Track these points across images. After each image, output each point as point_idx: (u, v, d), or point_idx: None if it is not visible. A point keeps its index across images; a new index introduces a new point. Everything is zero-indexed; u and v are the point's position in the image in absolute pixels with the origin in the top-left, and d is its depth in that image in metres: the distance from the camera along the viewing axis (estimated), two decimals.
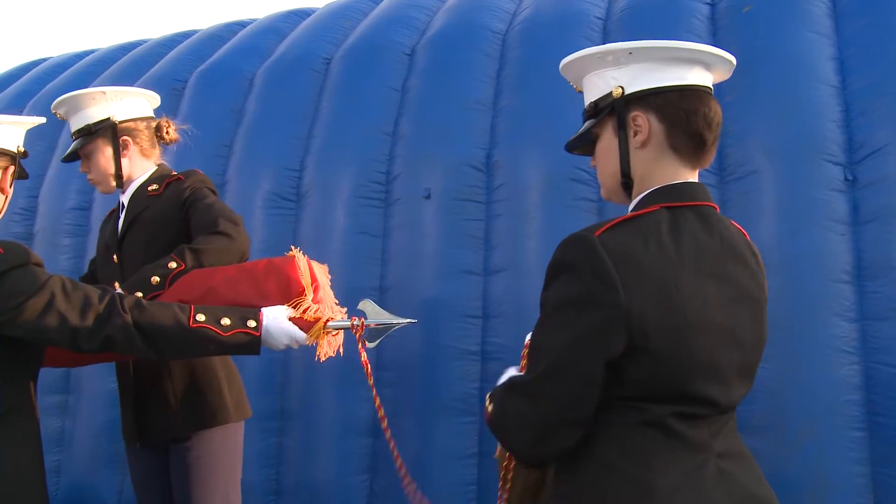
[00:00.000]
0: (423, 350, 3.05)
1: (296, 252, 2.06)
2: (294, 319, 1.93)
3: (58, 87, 4.53)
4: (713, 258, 1.30)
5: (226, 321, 1.83)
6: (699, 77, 1.38)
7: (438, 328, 3.09)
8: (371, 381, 1.99)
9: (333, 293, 2.16)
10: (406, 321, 1.99)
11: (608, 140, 1.42)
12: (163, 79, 4.16)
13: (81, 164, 2.44)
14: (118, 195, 2.47)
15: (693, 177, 1.39)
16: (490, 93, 3.36)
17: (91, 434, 3.65)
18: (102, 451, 3.59)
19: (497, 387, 1.42)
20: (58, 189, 4.03)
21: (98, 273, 2.53)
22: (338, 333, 2.01)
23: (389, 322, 1.98)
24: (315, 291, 2.01)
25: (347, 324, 1.97)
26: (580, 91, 1.52)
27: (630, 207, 1.39)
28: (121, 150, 2.38)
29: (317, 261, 2.17)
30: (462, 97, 3.34)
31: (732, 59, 1.41)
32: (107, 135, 2.37)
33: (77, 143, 2.39)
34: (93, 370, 3.61)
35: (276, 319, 1.89)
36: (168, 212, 2.32)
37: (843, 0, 3.03)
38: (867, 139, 2.72)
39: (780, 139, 2.80)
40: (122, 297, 1.79)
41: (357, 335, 1.96)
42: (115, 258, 2.40)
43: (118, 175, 2.40)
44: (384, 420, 2.00)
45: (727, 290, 1.30)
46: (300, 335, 1.91)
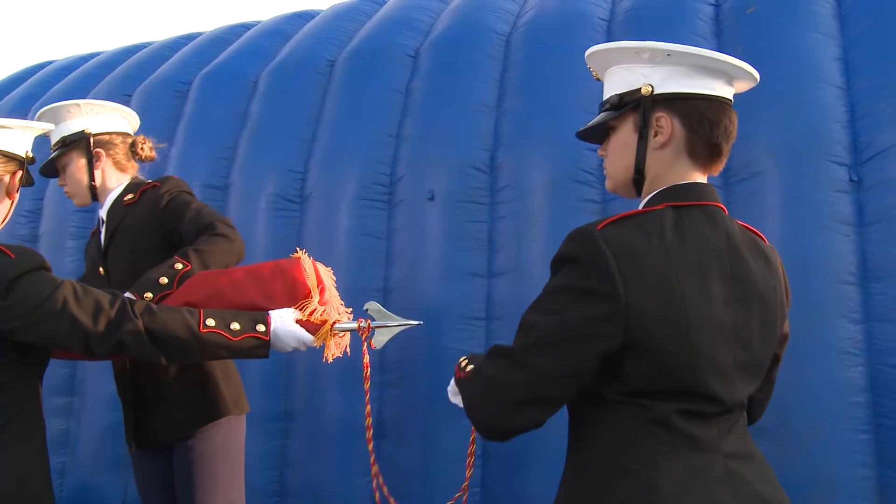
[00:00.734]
0: (427, 352, 3.05)
1: (301, 254, 2.07)
2: (301, 322, 1.94)
3: (63, 90, 4.54)
4: (718, 257, 1.31)
5: (235, 326, 1.84)
6: (724, 89, 1.40)
7: (442, 330, 3.08)
8: (367, 386, 2.00)
9: (339, 294, 2.17)
10: (412, 323, 2.01)
11: (626, 135, 1.43)
12: (167, 81, 4.17)
13: (59, 177, 2.48)
14: (98, 212, 2.50)
15: (703, 179, 1.41)
16: (494, 94, 3.35)
17: (95, 436, 3.65)
18: (106, 454, 3.60)
19: (482, 354, 1.45)
20: (62, 192, 4.02)
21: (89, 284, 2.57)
22: (344, 335, 2.01)
23: (395, 323, 2.00)
24: (321, 293, 2.02)
25: (354, 325, 1.98)
26: (598, 79, 1.53)
27: (640, 206, 1.41)
28: (94, 162, 2.41)
29: (321, 262, 2.17)
30: (465, 99, 3.34)
31: (758, 78, 1.42)
32: (81, 146, 2.41)
33: (54, 154, 2.42)
34: (97, 373, 3.62)
35: (284, 322, 1.90)
36: (147, 218, 2.35)
37: (849, 1, 3.02)
38: (872, 140, 2.71)
39: (785, 140, 2.79)
40: (133, 303, 1.80)
41: (363, 336, 1.98)
42: (102, 270, 2.42)
43: (91, 186, 2.43)
44: (370, 430, 2.01)
45: (732, 289, 1.31)
46: (308, 338, 1.92)
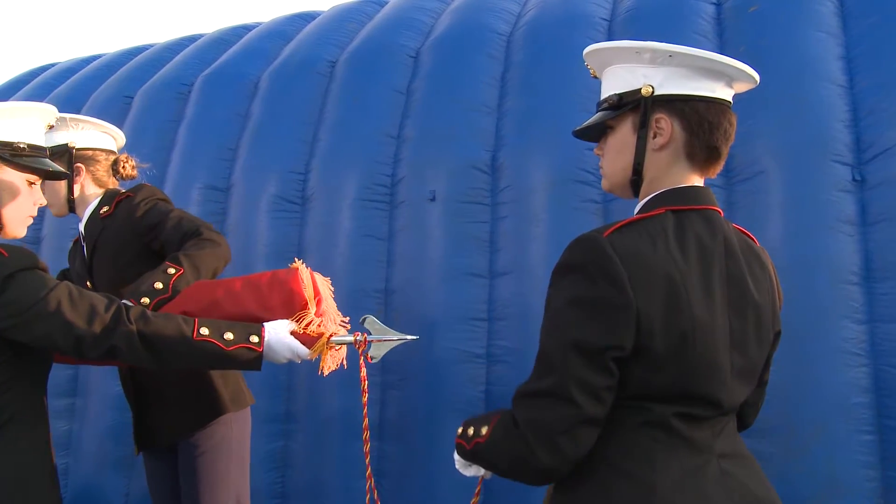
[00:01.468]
0: (429, 353, 3.04)
1: (299, 264, 2.06)
2: (297, 334, 1.93)
3: (65, 92, 4.55)
4: (717, 261, 1.31)
5: (229, 335, 1.83)
6: (724, 91, 1.39)
7: (443, 331, 3.08)
8: (365, 399, 2.01)
9: (339, 297, 2.16)
10: (408, 337, 2.01)
11: (625, 135, 1.42)
12: (169, 83, 4.17)
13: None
14: (78, 225, 2.50)
15: (700, 182, 1.40)
16: (495, 95, 3.35)
17: (98, 437, 3.65)
18: (109, 454, 3.60)
19: (480, 415, 1.42)
20: None
21: None
22: (341, 348, 2.01)
23: (392, 338, 2.00)
24: (318, 304, 2.01)
25: (350, 339, 1.97)
26: (596, 77, 1.51)
27: (637, 208, 1.40)
28: (73, 176, 2.42)
29: (323, 263, 2.17)
30: (467, 99, 3.33)
31: (758, 80, 1.41)
32: (62, 160, 2.41)
33: None
34: (100, 374, 3.62)
35: (278, 334, 1.89)
36: (124, 229, 2.36)
37: None
38: (875, 139, 2.70)
39: (788, 140, 2.78)
40: (128, 308, 1.79)
41: (360, 350, 1.97)
42: (89, 284, 2.44)
43: (69, 199, 2.44)
44: (367, 444, 2.01)
45: (730, 293, 1.31)
46: (302, 350, 1.91)
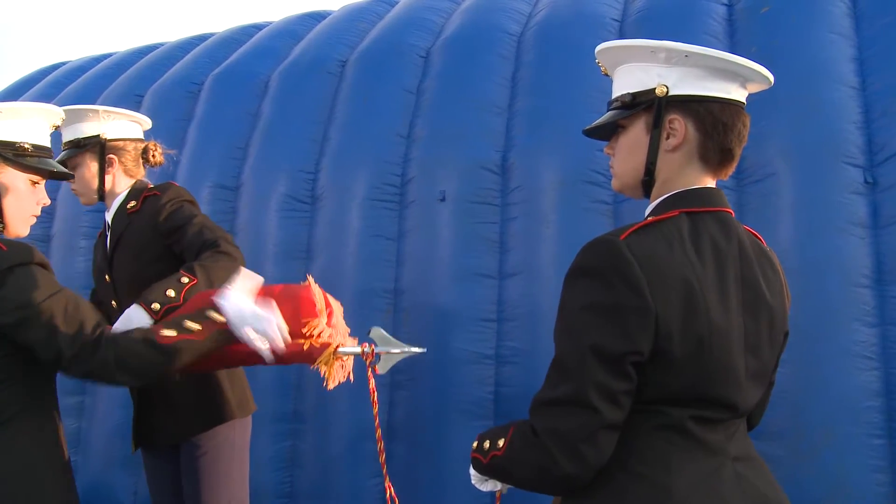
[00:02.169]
0: (438, 353, 3.04)
1: (310, 281, 2.05)
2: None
3: (76, 91, 4.57)
4: (731, 263, 1.30)
5: (191, 325, 1.76)
6: (738, 92, 1.38)
7: (453, 331, 3.07)
8: (375, 411, 2.01)
9: (349, 297, 2.17)
10: (415, 350, 2.01)
11: (637, 135, 1.40)
12: (179, 82, 4.18)
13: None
14: (104, 215, 2.51)
15: (712, 184, 1.39)
16: (505, 95, 3.34)
17: (106, 435, 3.67)
18: (117, 452, 3.61)
19: (494, 428, 1.39)
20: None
21: (98, 293, 2.59)
22: (348, 359, 2.00)
23: (399, 350, 1.99)
24: (329, 316, 2.00)
25: (357, 350, 1.97)
26: (606, 74, 1.50)
27: (649, 209, 1.39)
28: (105, 167, 2.43)
29: (332, 262, 2.18)
30: (477, 99, 3.33)
31: (773, 81, 1.40)
32: (94, 150, 2.43)
33: (65, 154, 2.44)
34: None
35: (234, 300, 1.80)
36: (148, 228, 2.36)
37: (864, 0, 2.99)
38: (888, 141, 2.68)
39: (799, 141, 2.76)
40: (105, 335, 1.73)
41: (367, 361, 1.97)
42: (108, 278, 2.44)
43: (100, 190, 2.45)
44: (382, 454, 2.00)
45: (744, 295, 1.31)
46: (262, 312, 1.80)
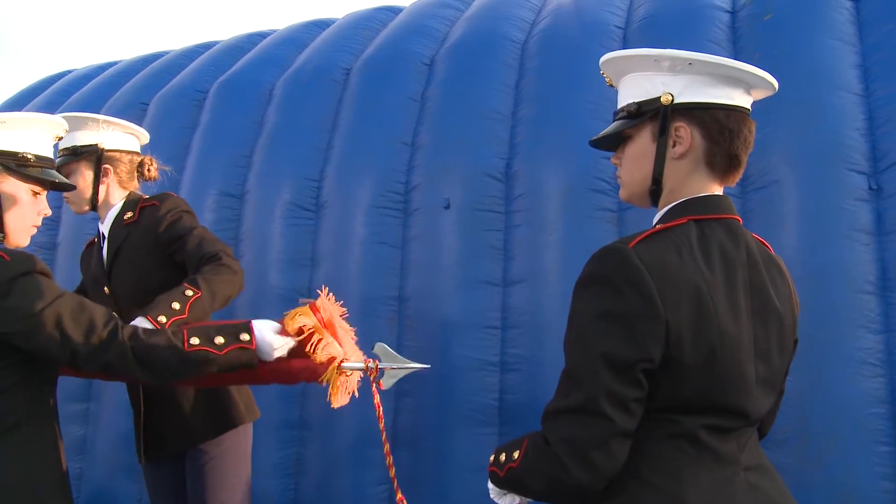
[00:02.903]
0: (442, 360, 3.04)
1: (323, 295, 2.04)
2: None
3: (81, 99, 4.59)
4: (740, 270, 1.30)
5: (219, 340, 1.82)
6: (743, 99, 1.38)
7: (457, 339, 3.07)
8: (382, 426, 2.00)
9: (353, 304, 2.16)
10: (419, 366, 2.00)
11: (643, 144, 1.40)
12: (184, 90, 4.19)
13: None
14: (97, 225, 2.51)
15: (719, 191, 1.39)
16: (509, 102, 3.35)
17: (111, 442, 3.67)
18: (122, 459, 3.61)
19: (511, 441, 1.39)
20: None
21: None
22: (352, 374, 1.99)
23: (403, 366, 1.99)
24: (332, 333, 1.97)
25: (361, 365, 1.96)
26: (611, 85, 1.51)
27: (657, 217, 1.39)
28: (100, 177, 2.44)
29: (337, 270, 2.18)
30: (481, 107, 3.33)
31: (777, 87, 1.40)
32: (91, 159, 2.43)
33: (60, 161, 2.44)
34: None
35: (265, 329, 1.89)
36: (148, 239, 2.36)
37: (867, 7, 2.99)
38: (892, 148, 2.68)
39: (803, 148, 2.77)
40: (122, 326, 1.78)
41: (371, 377, 1.96)
42: (107, 290, 2.44)
43: (93, 199, 2.45)
44: (391, 469, 2.00)
45: (753, 302, 1.31)
46: (288, 341, 1.90)
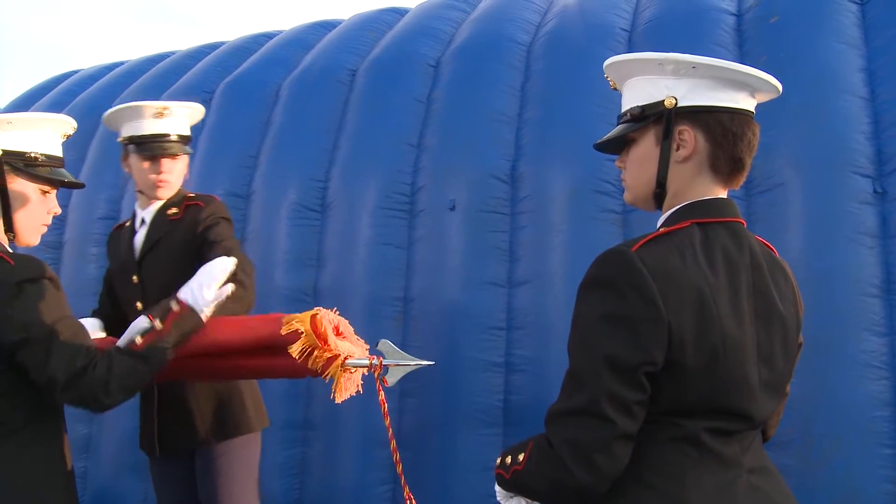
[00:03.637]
0: (447, 361, 3.05)
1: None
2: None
3: (88, 99, 4.61)
4: (743, 273, 1.31)
5: (157, 323, 1.83)
6: (747, 101, 1.38)
7: (462, 339, 3.08)
8: (387, 422, 2.00)
9: (358, 305, 2.16)
10: (424, 363, 2.00)
11: (647, 148, 1.40)
12: (190, 90, 4.20)
13: (164, 165, 2.44)
14: (135, 208, 2.51)
15: (723, 194, 1.39)
16: (515, 104, 3.36)
17: (116, 441, 3.68)
18: (127, 458, 3.63)
19: (517, 443, 1.39)
20: (87, 199, 4.08)
21: (116, 291, 2.55)
22: (356, 371, 1.98)
23: (407, 362, 1.98)
24: (322, 342, 1.94)
25: (366, 362, 1.95)
26: (615, 88, 1.51)
27: (661, 220, 1.40)
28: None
29: (342, 271, 2.19)
30: (487, 109, 3.34)
31: (781, 90, 1.40)
32: (190, 145, 2.53)
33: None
34: None
35: (192, 289, 1.91)
36: (187, 235, 2.39)
37: (873, 10, 2.99)
38: None
39: (808, 151, 2.77)
40: (97, 362, 1.73)
41: (376, 374, 1.96)
42: (136, 279, 2.43)
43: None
44: (399, 465, 1.99)
45: (757, 306, 1.31)
46: (218, 269, 1.94)
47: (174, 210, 2.43)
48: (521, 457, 1.34)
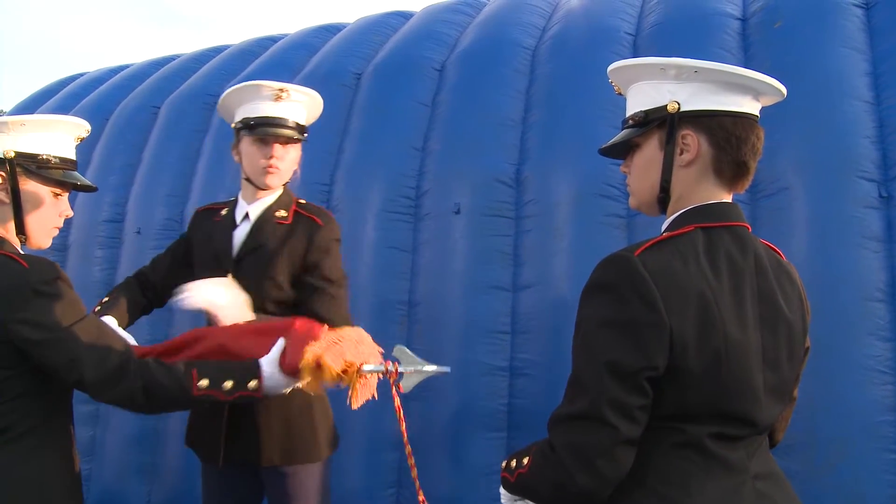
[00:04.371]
0: (452, 365, 3.02)
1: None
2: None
3: (93, 102, 4.62)
4: (748, 278, 1.30)
5: (228, 385, 1.81)
6: (751, 105, 1.38)
7: (467, 343, 3.08)
8: (403, 428, 1.97)
9: (363, 308, 2.15)
10: (440, 369, 1.99)
11: (651, 152, 1.41)
12: (195, 93, 4.22)
13: (276, 150, 2.32)
14: (239, 199, 2.40)
15: (728, 198, 1.39)
16: (520, 108, 3.36)
17: (120, 443, 3.69)
18: (131, 460, 3.63)
19: (523, 447, 1.40)
20: (92, 201, 4.09)
21: (196, 272, 2.36)
22: (371, 377, 1.96)
23: (423, 368, 1.97)
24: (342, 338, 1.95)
25: (381, 368, 1.94)
26: (620, 94, 1.51)
27: (665, 225, 1.40)
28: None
29: (347, 274, 2.16)
30: (492, 113, 3.35)
31: (785, 93, 1.40)
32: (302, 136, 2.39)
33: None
34: None
35: (274, 375, 1.86)
36: (295, 251, 2.28)
37: (878, 15, 2.99)
38: None
39: (813, 155, 2.77)
40: (134, 361, 1.76)
41: (391, 380, 1.95)
42: (230, 275, 2.27)
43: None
44: (414, 469, 1.98)
45: (762, 310, 1.31)
46: (296, 382, 1.89)
47: (283, 213, 2.32)
48: (526, 460, 1.35)
